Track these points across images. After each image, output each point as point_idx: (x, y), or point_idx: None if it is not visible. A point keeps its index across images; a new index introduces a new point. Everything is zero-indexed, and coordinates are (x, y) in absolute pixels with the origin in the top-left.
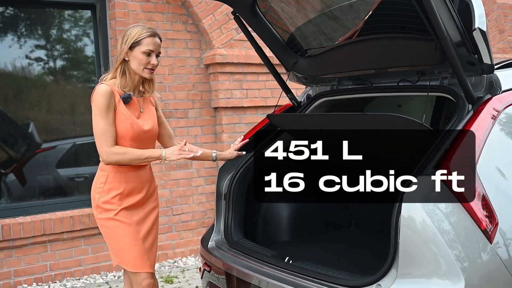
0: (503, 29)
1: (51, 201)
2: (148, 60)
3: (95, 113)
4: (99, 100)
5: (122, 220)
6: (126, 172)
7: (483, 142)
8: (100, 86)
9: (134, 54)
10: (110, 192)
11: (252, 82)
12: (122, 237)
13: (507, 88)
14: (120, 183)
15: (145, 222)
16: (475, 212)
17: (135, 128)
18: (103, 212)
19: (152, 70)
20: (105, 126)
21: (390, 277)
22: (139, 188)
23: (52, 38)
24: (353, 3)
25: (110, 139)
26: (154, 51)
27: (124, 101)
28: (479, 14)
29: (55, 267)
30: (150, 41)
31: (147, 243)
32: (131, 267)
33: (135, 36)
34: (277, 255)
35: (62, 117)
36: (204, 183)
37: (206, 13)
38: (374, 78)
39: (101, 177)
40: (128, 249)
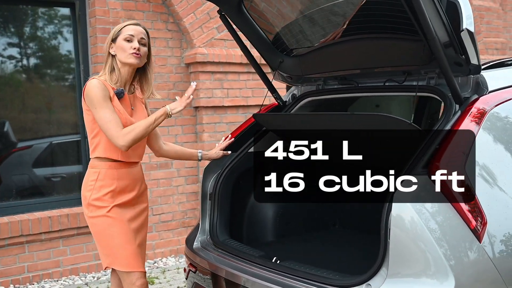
0: (479, 30)
1: (29, 201)
2: (130, 45)
3: (95, 105)
4: (94, 92)
5: (114, 217)
6: (118, 169)
7: (471, 142)
8: (91, 80)
9: (117, 45)
10: (102, 189)
11: (233, 81)
12: (115, 235)
13: (493, 88)
14: (112, 180)
15: (136, 221)
16: (464, 212)
17: (129, 124)
18: (95, 210)
19: (136, 54)
20: (108, 115)
21: (380, 277)
22: (131, 186)
23: (30, 36)
24: (338, 3)
25: (117, 124)
26: (134, 36)
27: (117, 96)
28: (466, 15)
29: (33, 268)
30: (130, 28)
31: (139, 242)
32: (124, 267)
33: (116, 29)
34: (265, 255)
35: (38, 116)
36: (185, 183)
37: (187, 12)
38: (360, 78)
39: (92, 174)
40: (121, 247)
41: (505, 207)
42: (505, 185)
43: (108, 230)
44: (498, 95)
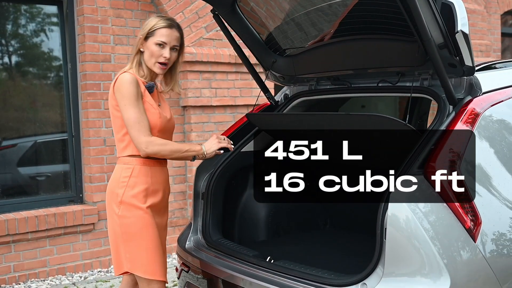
0: None
1: (15, 200)
2: (160, 52)
3: (124, 102)
4: (127, 88)
5: (149, 221)
6: (152, 166)
7: (465, 143)
8: (124, 74)
9: (147, 45)
10: (136, 187)
11: (221, 81)
12: (147, 238)
13: (487, 90)
14: (146, 177)
15: (163, 230)
16: (459, 212)
17: (163, 118)
18: (128, 208)
19: (163, 65)
20: (138, 115)
21: (376, 276)
22: (163, 187)
23: (16, 34)
24: (332, 3)
25: (146, 128)
26: (167, 43)
27: (148, 90)
28: (461, 17)
29: (19, 268)
30: (164, 32)
31: (164, 250)
32: (148, 273)
33: (150, 26)
34: (258, 255)
35: (23, 114)
36: (172, 183)
37: (175, 11)
38: (353, 79)
39: (125, 171)
40: (150, 252)
41: (499, 207)
42: (499, 186)
43: (139, 233)
44: (492, 96)
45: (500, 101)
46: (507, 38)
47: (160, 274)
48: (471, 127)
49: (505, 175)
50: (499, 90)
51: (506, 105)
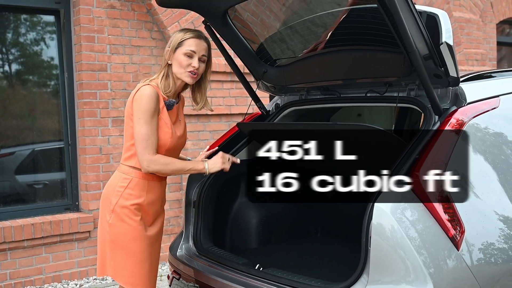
0: (460, 41)
1: (12, 208)
2: (189, 62)
3: (139, 116)
4: (146, 103)
5: (139, 233)
6: (150, 181)
7: (449, 153)
8: (146, 87)
9: (176, 56)
10: (130, 199)
11: (217, 90)
12: (135, 251)
13: (472, 100)
14: (142, 191)
15: (156, 241)
16: (443, 220)
17: (174, 137)
18: (119, 218)
19: (193, 74)
20: (149, 132)
21: (361, 283)
22: (157, 202)
23: (14, 42)
24: (321, 15)
25: (152, 146)
26: (196, 53)
27: (168, 108)
28: (446, 29)
29: (15, 275)
30: (193, 42)
31: (154, 263)
32: (130, 285)
33: (179, 38)
34: (248, 263)
35: (21, 122)
36: (168, 191)
37: (171, 21)
38: (342, 89)
39: (123, 180)
40: (136, 266)
41: (483, 216)
42: (483, 195)
43: (128, 244)
44: (476, 106)
45: (485, 111)
46: (504, 47)
47: (142, 286)
48: (455, 137)
49: (488, 183)
50: (484, 100)
51: (490, 115)
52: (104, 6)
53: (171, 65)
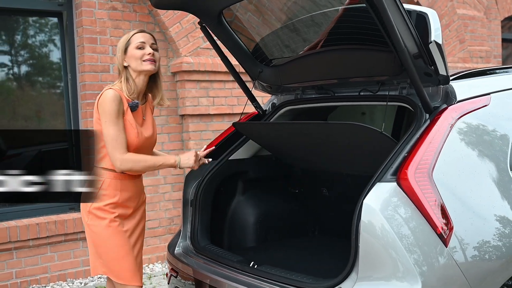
0: (464, 39)
1: (17, 208)
2: (143, 51)
3: (105, 119)
4: (109, 105)
5: (113, 229)
6: (123, 180)
7: (439, 150)
8: (108, 91)
9: (129, 55)
10: (104, 199)
11: (219, 90)
12: (113, 248)
13: (462, 98)
14: (115, 190)
15: (135, 233)
16: (431, 217)
17: (140, 137)
18: (94, 219)
19: (151, 60)
20: (116, 133)
21: (350, 280)
22: (133, 198)
23: (18, 45)
24: (315, 15)
25: (122, 145)
26: (146, 42)
27: (131, 109)
28: (435, 28)
29: (21, 274)
30: (139, 35)
31: (136, 254)
32: (121, 279)
33: (125, 39)
34: (243, 260)
35: (28, 123)
36: (171, 190)
37: (173, 22)
38: (336, 88)
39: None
40: (119, 260)
41: (472, 213)
42: (471, 192)
43: (106, 242)
44: (466, 104)
45: (475, 109)
46: (510, 44)
47: (132, 279)
48: (444, 135)
49: (478, 181)
50: (474, 98)
51: (481, 113)
52: (106, 8)
53: (128, 67)
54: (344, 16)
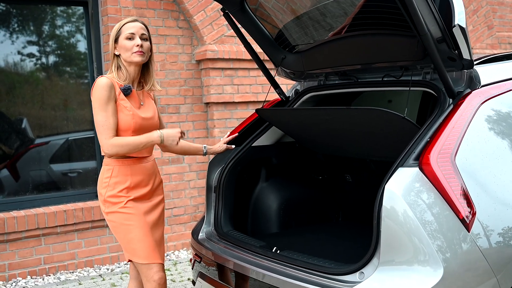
0: (492, 25)
1: (45, 196)
2: (132, 43)
3: (95, 105)
4: (99, 92)
5: (130, 212)
6: (131, 165)
7: (462, 135)
8: (100, 78)
9: (119, 45)
10: (117, 186)
11: (243, 77)
12: (131, 229)
13: (486, 82)
14: (126, 176)
15: (152, 214)
16: (454, 202)
17: (137, 119)
18: (110, 205)
19: (140, 52)
20: (103, 118)
21: (372, 265)
22: (145, 181)
23: (45, 34)
24: (338, 0)
25: (109, 131)
26: (135, 33)
27: (124, 92)
28: (458, 11)
29: (49, 260)
30: (129, 25)
31: (156, 235)
32: (143, 258)
33: (116, 28)
34: (265, 246)
35: (55, 112)
36: (196, 178)
37: (197, 9)
38: (359, 73)
39: (107, 172)
40: (139, 240)
41: (494, 198)
42: (494, 177)
43: (124, 225)
44: (491, 89)
45: (499, 93)
46: None
47: (154, 257)
48: (468, 119)
49: (501, 166)
50: (499, 83)
51: (504, 98)
52: None
53: (119, 56)
54: (367, 0)
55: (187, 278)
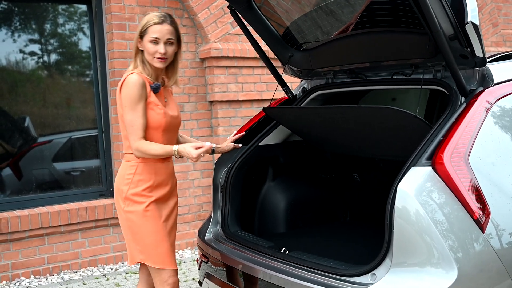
0: (497, 22)
1: (48, 195)
2: (155, 49)
3: (125, 104)
4: (131, 90)
5: (151, 214)
6: (155, 163)
7: (475, 134)
8: (132, 76)
9: (143, 44)
10: (140, 184)
11: (247, 75)
12: (151, 233)
13: (499, 81)
14: (150, 174)
15: (170, 218)
16: (468, 203)
17: (167, 118)
18: (132, 204)
19: (161, 59)
20: (133, 118)
21: (384, 266)
22: (166, 180)
23: (48, 32)
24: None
25: (137, 132)
26: (160, 39)
27: (154, 91)
28: (471, 8)
29: (53, 260)
30: (155, 29)
31: (171, 239)
32: (158, 263)
33: (143, 25)
34: (274, 246)
35: (58, 111)
36: (200, 176)
37: (201, 7)
38: (368, 72)
39: (129, 168)
40: (157, 245)
41: (509, 199)
42: (509, 177)
43: (144, 227)
44: (504, 87)
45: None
46: None
47: (169, 262)
48: (481, 118)
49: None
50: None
51: None
52: None
53: (143, 51)
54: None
55: (192, 278)
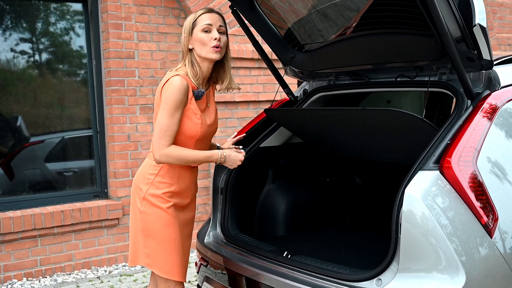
0: (492, 26)
1: (42, 195)
2: (210, 36)
3: (164, 106)
4: (172, 94)
5: (169, 221)
6: (180, 170)
7: (483, 138)
8: (176, 78)
9: (194, 38)
10: (161, 187)
11: (244, 77)
12: (164, 240)
13: (506, 84)
14: (172, 179)
15: (187, 226)
16: (476, 207)
17: (204, 127)
18: (149, 206)
19: (217, 48)
20: (169, 123)
21: (390, 272)
22: (188, 189)
23: (43, 31)
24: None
25: (169, 138)
26: (213, 25)
27: (196, 98)
28: (479, 10)
29: (46, 262)
30: (206, 16)
31: (184, 249)
32: (164, 273)
33: (191, 19)
34: (275, 250)
35: (50, 110)
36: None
37: (198, 7)
38: (371, 73)
39: (152, 168)
40: (167, 253)
41: None
42: None
43: (158, 232)
44: (510, 90)
45: None
46: None
47: (177, 274)
48: (488, 122)
49: None
50: None
51: None
52: None
53: (192, 50)
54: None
55: (188, 281)
